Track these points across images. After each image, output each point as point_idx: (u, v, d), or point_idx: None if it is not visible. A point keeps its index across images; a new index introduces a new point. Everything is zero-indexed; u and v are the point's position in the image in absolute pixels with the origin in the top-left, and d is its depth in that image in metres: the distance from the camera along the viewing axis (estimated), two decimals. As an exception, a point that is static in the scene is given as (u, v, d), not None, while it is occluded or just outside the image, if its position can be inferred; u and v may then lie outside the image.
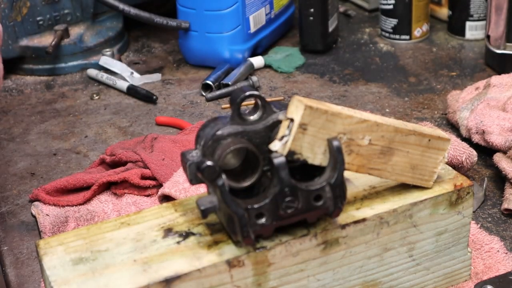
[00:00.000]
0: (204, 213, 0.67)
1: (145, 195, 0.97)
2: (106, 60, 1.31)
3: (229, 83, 1.24)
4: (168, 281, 0.66)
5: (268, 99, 0.95)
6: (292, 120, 0.67)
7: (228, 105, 1.20)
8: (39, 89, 1.30)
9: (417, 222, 0.74)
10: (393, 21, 1.38)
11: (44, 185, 0.99)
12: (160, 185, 0.96)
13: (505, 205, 0.90)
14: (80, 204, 0.96)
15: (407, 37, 1.38)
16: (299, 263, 0.71)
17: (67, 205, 0.96)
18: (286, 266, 0.70)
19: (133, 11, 1.28)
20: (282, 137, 0.67)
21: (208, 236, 0.70)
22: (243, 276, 0.69)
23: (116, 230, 0.72)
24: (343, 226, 0.71)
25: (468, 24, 1.37)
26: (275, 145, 0.67)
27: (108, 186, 0.98)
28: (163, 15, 1.30)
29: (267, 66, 1.32)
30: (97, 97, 1.26)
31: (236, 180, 0.69)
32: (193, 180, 0.69)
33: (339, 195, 0.68)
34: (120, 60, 1.35)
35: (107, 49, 1.34)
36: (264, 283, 0.70)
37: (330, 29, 1.35)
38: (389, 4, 1.37)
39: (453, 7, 1.38)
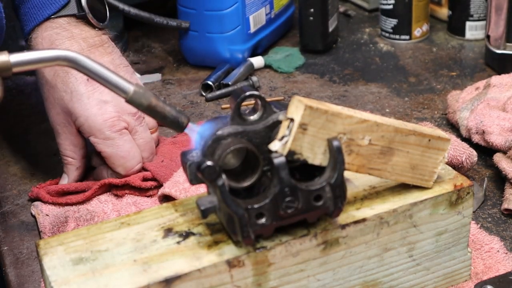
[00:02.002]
0: (204, 213, 0.67)
1: (146, 196, 0.97)
2: (106, 60, 1.31)
3: (229, 83, 1.24)
4: (168, 281, 0.66)
5: (268, 99, 0.95)
6: (292, 120, 0.67)
7: (228, 105, 1.20)
8: (39, 89, 1.30)
9: (417, 222, 0.74)
10: (393, 21, 1.38)
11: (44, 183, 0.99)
12: (161, 186, 0.96)
13: (505, 205, 0.90)
14: (79, 203, 0.96)
15: (407, 37, 1.38)
16: (299, 263, 0.71)
17: (67, 203, 0.96)
18: (286, 266, 0.70)
19: (133, 11, 1.28)
20: (282, 137, 0.67)
21: (208, 236, 0.70)
22: (243, 276, 0.69)
23: (116, 230, 0.72)
24: (343, 226, 0.71)
25: (468, 24, 1.37)
26: (275, 145, 0.67)
27: (109, 189, 0.98)
28: (163, 15, 1.30)
29: (267, 66, 1.32)
30: (97, 97, 1.26)
31: (236, 180, 0.69)
32: (193, 180, 0.69)
33: (339, 195, 0.68)
34: (120, 60, 1.34)
35: (107, 49, 1.33)
36: (264, 283, 0.70)
37: (330, 29, 1.35)
38: (389, 4, 1.37)
39: (453, 7, 1.38)
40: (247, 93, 0.68)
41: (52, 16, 0.98)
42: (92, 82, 0.95)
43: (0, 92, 0.70)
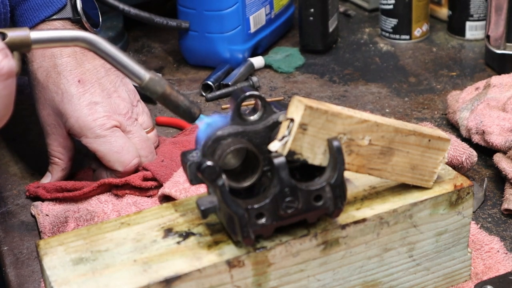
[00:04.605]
0: (204, 213, 0.67)
1: (146, 196, 0.97)
2: (106, 60, 1.31)
3: (229, 83, 1.24)
4: (168, 281, 0.66)
5: (268, 99, 0.95)
6: (292, 120, 0.67)
7: (228, 105, 1.20)
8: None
9: (417, 222, 0.74)
10: (393, 21, 1.38)
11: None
12: (161, 186, 0.96)
13: (505, 205, 0.90)
14: (78, 200, 0.96)
15: (407, 37, 1.38)
16: (299, 263, 0.71)
17: (64, 196, 0.95)
18: (286, 266, 0.70)
19: (133, 11, 1.28)
20: (282, 137, 0.67)
21: (208, 236, 0.70)
22: (243, 276, 0.69)
23: (116, 230, 0.72)
24: (343, 226, 0.71)
25: (468, 24, 1.37)
26: (275, 146, 0.67)
27: (109, 189, 0.98)
28: (163, 15, 1.30)
29: (267, 66, 1.32)
30: (97, 97, 1.26)
31: (236, 180, 0.69)
32: (193, 180, 0.69)
33: (339, 195, 0.68)
34: (120, 60, 1.34)
35: (107, 49, 1.33)
36: (264, 283, 0.70)
37: (330, 29, 1.35)
38: (389, 4, 1.37)
39: (453, 7, 1.38)
40: (247, 93, 0.68)
41: (48, 19, 0.99)
42: (83, 83, 0.96)
43: (17, 66, 0.70)
